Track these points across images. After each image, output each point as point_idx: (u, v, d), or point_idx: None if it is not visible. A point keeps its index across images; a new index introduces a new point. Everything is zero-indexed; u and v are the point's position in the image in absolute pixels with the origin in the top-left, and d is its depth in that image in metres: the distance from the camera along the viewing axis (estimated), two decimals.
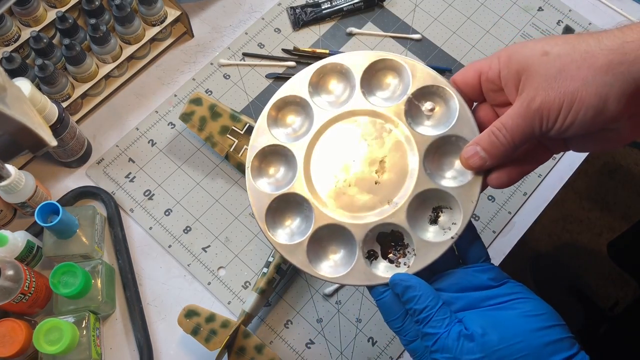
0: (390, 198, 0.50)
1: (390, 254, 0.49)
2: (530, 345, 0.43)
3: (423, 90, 0.50)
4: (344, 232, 0.50)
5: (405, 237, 0.49)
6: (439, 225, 0.49)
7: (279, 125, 0.53)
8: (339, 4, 0.81)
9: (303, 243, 0.49)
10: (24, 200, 0.63)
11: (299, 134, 0.53)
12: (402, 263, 0.48)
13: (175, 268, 0.68)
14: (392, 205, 0.49)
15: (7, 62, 0.65)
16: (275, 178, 0.53)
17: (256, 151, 0.52)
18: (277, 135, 0.52)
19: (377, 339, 0.65)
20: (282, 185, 0.51)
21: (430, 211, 0.50)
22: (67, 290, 0.58)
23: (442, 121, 0.50)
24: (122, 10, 0.70)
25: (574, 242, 1.50)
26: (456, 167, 0.49)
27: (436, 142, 0.49)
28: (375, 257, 0.50)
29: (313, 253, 0.50)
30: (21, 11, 0.69)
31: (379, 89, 0.53)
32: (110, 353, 0.64)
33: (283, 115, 0.54)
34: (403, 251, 0.49)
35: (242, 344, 0.60)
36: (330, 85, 0.54)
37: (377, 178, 0.50)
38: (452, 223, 0.48)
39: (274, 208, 0.51)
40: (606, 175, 1.60)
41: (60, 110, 0.64)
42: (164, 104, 0.76)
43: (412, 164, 0.50)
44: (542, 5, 0.84)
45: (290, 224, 0.52)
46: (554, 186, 0.74)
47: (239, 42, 0.80)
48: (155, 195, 0.71)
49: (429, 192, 0.49)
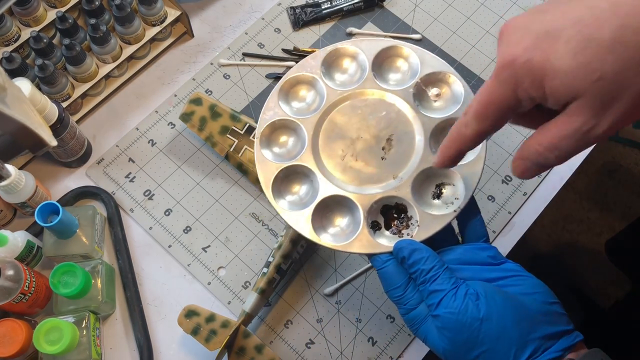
0: (395, 173, 0.52)
1: (394, 225, 0.51)
2: (529, 312, 0.44)
3: (430, 76, 0.53)
4: (349, 203, 0.52)
5: (409, 210, 0.51)
6: (442, 200, 0.51)
7: (289, 100, 0.56)
8: (339, 4, 0.81)
9: (308, 212, 0.51)
10: (24, 200, 0.63)
11: (310, 110, 0.55)
12: (405, 234, 0.50)
13: (175, 268, 0.68)
14: (397, 179, 0.52)
15: (7, 62, 0.65)
16: (283, 150, 0.55)
17: (266, 123, 0.54)
18: (288, 110, 0.55)
19: (377, 339, 0.65)
20: (290, 157, 0.54)
21: (434, 187, 0.52)
22: (67, 290, 0.58)
23: (448, 105, 0.53)
24: (122, 10, 0.70)
25: (574, 242, 1.50)
26: None
27: (441, 123, 0.52)
28: (379, 227, 0.52)
29: (317, 222, 0.52)
30: (21, 11, 0.69)
31: (389, 73, 0.56)
32: (110, 353, 0.64)
33: (295, 92, 0.57)
34: (406, 223, 0.51)
35: (242, 344, 0.60)
36: (342, 67, 0.57)
37: (383, 154, 0.53)
38: (455, 198, 0.51)
39: (281, 178, 0.53)
40: (606, 175, 1.60)
41: (60, 110, 0.64)
42: (164, 104, 0.76)
43: (418, 143, 0.52)
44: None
45: (296, 194, 0.54)
46: (554, 186, 0.74)
47: (239, 42, 0.80)
48: (155, 195, 0.71)
49: (433, 169, 0.51)
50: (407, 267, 0.47)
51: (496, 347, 0.43)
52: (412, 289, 0.48)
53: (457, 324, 0.44)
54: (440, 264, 0.46)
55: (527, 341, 0.43)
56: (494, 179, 0.73)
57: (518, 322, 0.44)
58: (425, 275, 0.46)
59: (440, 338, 0.45)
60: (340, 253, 0.69)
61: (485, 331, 0.43)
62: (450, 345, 0.45)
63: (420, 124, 0.52)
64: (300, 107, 0.56)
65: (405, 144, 0.53)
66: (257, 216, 0.70)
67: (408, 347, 0.65)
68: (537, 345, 0.43)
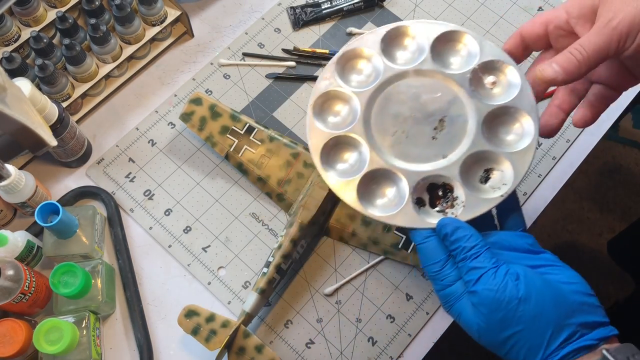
0: (445, 153, 0.53)
1: (439, 203, 0.52)
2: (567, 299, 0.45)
3: (488, 64, 0.54)
4: (395, 178, 0.52)
5: (455, 190, 0.51)
6: (489, 185, 0.52)
7: (345, 73, 0.56)
8: (339, 4, 0.81)
9: (354, 182, 0.52)
10: (24, 200, 0.63)
11: (365, 83, 0.56)
12: (449, 213, 0.51)
13: (175, 268, 0.68)
14: (446, 159, 0.52)
15: (7, 62, 0.65)
16: (335, 119, 0.56)
17: (320, 92, 0.55)
18: (343, 82, 0.55)
19: (377, 339, 0.65)
20: (341, 127, 0.54)
21: (482, 171, 0.52)
22: (67, 290, 0.58)
23: (503, 93, 0.53)
24: (122, 10, 0.70)
25: (574, 242, 1.50)
26: (512, 135, 0.53)
27: (495, 110, 0.52)
28: (423, 204, 0.52)
29: (362, 193, 0.52)
30: (21, 11, 0.69)
31: (448, 57, 0.56)
32: (110, 353, 0.64)
33: (351, 65, 0.57)
34: (452, 202, 0.51)
35: (242, 344, 0.60)
36: (402, 45, 0.57)
37: (434, 134, 0.53)
38: (502, 184, 0.51)
39: (330, 146, 0.54)
40: (606, 175, 1.60)
41: (60, 110, 0.64)
42: (164, 104, 0.76)
43: (471, 127, 0.53)
44: (542, 5, 0.84)
45: (344, 165, 0.54)
46: (554, 186, 0.74)
47: (239, 42, 0.80)
48: (155, 195, 0.71)
49: (484, 153, 0.52)
50: (449, 243, 0.48)
51: (532, 328, 0.44)
52: (451, 265, 0.48)
53: (494, 301, 0.44)
54: (482, 243, 0.47)
55: (564, 325, 0.43)
56: None
57: (556, 305, 0.44)
58: (466, 252, 0.46)
59: (475, 315, 0.46)
60: (340, 252, 0.69)
61: (522, 311, 0.44)
62: (485, 322, 0.45)
63: (474, 108, 0.53)
64: (356, 80, 0.56)
65: (458, 126, 0.53)
66: (257, 216, 0.70)
67: (408, 347, 0.65)
68: (573, 331, 0.43)
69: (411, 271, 0.68)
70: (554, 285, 0.45)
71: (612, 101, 0.51)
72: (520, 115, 0.52)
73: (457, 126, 0.53)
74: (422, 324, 0.66)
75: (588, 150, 0.76)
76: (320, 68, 0.78)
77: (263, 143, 0.71)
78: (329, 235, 0.69)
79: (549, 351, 0.43)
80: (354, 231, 0.68)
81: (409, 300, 0.67)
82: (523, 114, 0.52)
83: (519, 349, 0.44)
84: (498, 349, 0.46)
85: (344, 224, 0.69)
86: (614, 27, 0.44)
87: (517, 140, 0.52)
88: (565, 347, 0.43)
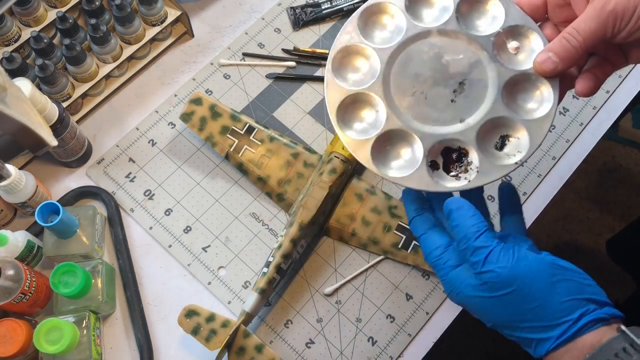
0: (463, 117, 0.52)
1: (453, 168, 0.51)
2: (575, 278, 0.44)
3: (513, 28, 0.52)
4: (411, 139, 0.51)
5: (470, 155, 0.51)
6: (504, 152, 0.51)
7: (367, 28, 0.55)
8: (339, 4, 0.81)
9: (369, 142, 0.51)
10: (25, 200, 0.63)
11: (387, 40, 0.54)
12: (462, 177, 0.50)
13: (175, 268, 0.68)
14: (463, 123, 0.51)
15: (8, 62, 0.65)
16: (354, 77, 0.54)
17: (342, 45, 0.54)
18: (365, 37, 0.54)
19: (377, 338, 0.65)
20: (360, 84, 0.53)
21: (498, 137, 0.52)
22: (67, 290, 0.58)
23: (526, 59, 0.52)
24: (122, 10, 0.70)
25: (574, 242, 1.50)
26: (531, 103, 0.52)
27: (517, 76, 0.51)
28: (437, 168, 0.51)
29: (376, 153, 0.51)
30: (21, 11, 0.69)
31: (473, 18, 0.55)
32: (111, 353, 0.64)
33: (374, 21, 0.55)
34: (466, 167, 0.50)
35: (242, 344, 0.60)
36: (427, 3, 0.55)
37: (453, 97, 0.52)
38: (517, 151, 0.50)
39: (347, 104, 0.53)
40: (606, 175, 1.60)
41: (61, 110, 0.64)
42: (164, 104, 0.76)
43: (491, 92, 0.52)
44: None
45: (361, 123, 0.53)
46: (553, 186, 0.74)
47: (239, 42, 0.80)
48: (155, 195, 0.71)
49: (501, 119, 0.51)
50: (450, 220, 0.47)
51: (547, 303, 0.43)
52: (453, 249, 0.47)
53: (508, 279, 0.43)
54: (484, 223, 0.46)
55: (576, 300, 0.43)
56: None
57: (567, 281, 0.43)
58: (467, 229, 0.45)
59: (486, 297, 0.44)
60: (340, 252, 0.69)
61: (537, 286, 0.43)
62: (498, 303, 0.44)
63: (495, 73, 0.52)
64: (379, 37, 0.55)
65: (478, 90, 0.52)
66: (257, 216, 0.70)
67: (408, 347, 0.65)
68: (585, 305, 0.43)
69: (411, 271, 0.68)
70: (561, 263, 0.45)
71: (610, 73, 0.50)
72: (541, 83, 0.51)
73: (477, 90, 0.52)
74: (422, 324, 0.66)
75: (588, 150, 0.76)
76: (321, 68, 0.78)
77: (263, 143, 0.71)
78: (329, 235, 0.69)
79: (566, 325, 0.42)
80: (354, 231, 0.68)
81: (408, 300, 0.67)
82: (544, 81, 0.51)
83: (535, 326, 0.43)
84: (513, 328, 0.44)
85: (344, 224, 0.69)
86: (610, 11, 0.44)
87: (536, 108, 0.51)
88: (581, 319, 0.42)
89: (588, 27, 0.45)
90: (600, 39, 0.45)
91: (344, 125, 0.52)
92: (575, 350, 0.42)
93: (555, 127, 0.77)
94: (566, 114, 0.77)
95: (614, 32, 0.45)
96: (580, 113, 0.78)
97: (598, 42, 0.45)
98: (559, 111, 0.77)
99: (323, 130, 0.75)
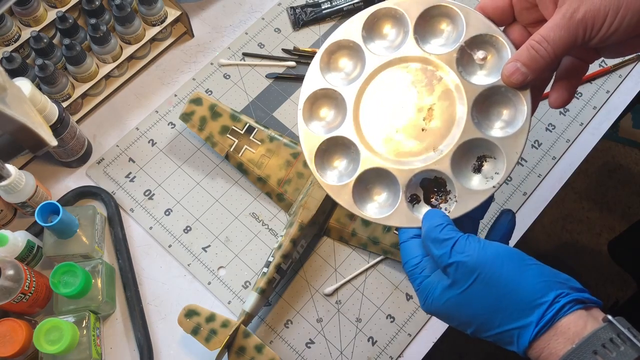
0: (436, 145, 0.51)
1: (433, 199, 0.51)
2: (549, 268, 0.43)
3: (476, 38, 0.51)
4: (389, 176, 0.51)
5: (448, 184, 0.50)
6: (482, 174, 0.51)
7: (331, 69, 0.55)
8: (339, 4, 0.81)
9: (349, 185, 0.51)
10: (24, 200, 0.63)
11: (351, 79, 0.54)
12: (443, 208, 0.50)
13: (175, 268, 0.68)
14: (437, 152, 0.51)
15: (8, 62, 0.65)
16: (325, 121, 0.55)
17: (308, 94, 0.54)
18: (329, 79, 0.54)
19: (377, 338, 0.65)
20: (332, 128, 0.53)
21: (475, 160, 0.51)
22: (67, 290, 0.58)
23: (493, 71, 0.51)
24: (122, 10, 0.70)
25: (574, 242, 1.50)
26: (504, 117, 0.51)
27: (485, 91, 0.50)
28: (418, 201, 0.51)
29: (358, 195, 0.52)
30: (21, 11, 0.69)
31: (433, 36, 0.53)
32: (111, 353, 0.64)
33: (335, 59, 0.55)
34: (445, 197, 0.50)
35: (242, 344, 0.60)
36: (383, 30, 0.55)
37: (424, 125, 0.52)
38: (495, 172, 0.50)
39: (323, 150, 0.53)
40: (606, 175, 1.60)
41: (61, 110, 0.64)
42: (164, 104, 0.76)
43: (460, 113, 0.51)
44: None
45: (338, 166, 0.54)
46: (553, 186, 0.74)
47: (239, 42, 0.80)
48: (155, 195, 0.71)
49: (474, 141, 0.50)
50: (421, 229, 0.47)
51: (519, 286, 0.41)
52: (428, 259, 0.47)
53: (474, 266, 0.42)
54: (447, 220, 0.45)
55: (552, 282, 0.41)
56: None
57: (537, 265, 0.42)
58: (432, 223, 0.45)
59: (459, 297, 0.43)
60: (340, 252, 0.69)
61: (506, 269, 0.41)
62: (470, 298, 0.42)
63: (463, 92, 0.51)
64: (342, 76, 0.55)
65: (447, 114, 0.51)
66: (257, 216, 0.70)
67: (408, 347, 0.65)
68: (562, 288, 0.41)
69: None
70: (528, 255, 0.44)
71: (584, 73, 0.49)
72: (512, 95, 0.49)
73: (446, 114, 0.51)
74: (422, 323, 0.66)
75: (588, 150, 0.76)
76: None
77: (263, 143, 0.71)
78: (329, 235, 0.69)
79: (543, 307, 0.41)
80: (354, 231, 0.68)
81: (408, 300, 0.67)
82: (515, 92, 0.49)
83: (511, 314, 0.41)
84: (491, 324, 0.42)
85: (344, 224, 0.69)
86: (579, 19, 0.42)
87: (509, 122, 0.50)
88: (558, 300, 0.41)
89: (557, 36, 0.43)
90: (570, 47, 0.44)
91: (323, 171, 0.53)
92: (560, 337, 0.40)
93: (555, 127, 0.77)
94: (566, 114, 0.77)
95: (584, 40, 0.43)
96: (580, 113, 0.78)
97: (568, 50, 0.44)
98: (559, 111, 0.77)
99: None
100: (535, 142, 0.76)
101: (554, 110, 0.77)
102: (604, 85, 0.79)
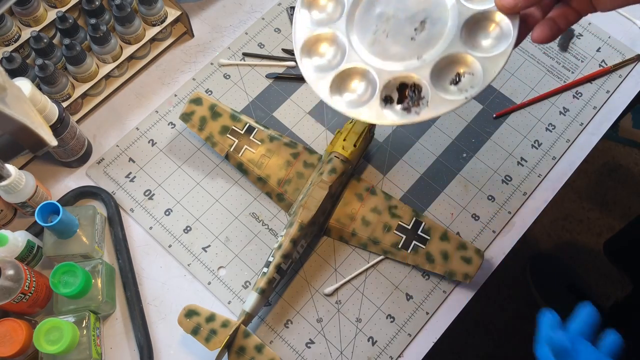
0: (420, 54, 0.54)
1: (406, 102, 0.53)
2: None
3: None
4: (369, 75, 0.54)
5: (423, 90, 0.53)
6: (458, 87, 0.53)
7: None
8: None
9: (329, 77, 0.54)
10: (24, 200, 0.63)
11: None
12: (413, 111, 0.53)
13: (175, 268, 0.68)
14: (420, 60, 0.53)
15: (8, 62, 0.65)
16: (320, 16, 0.57)
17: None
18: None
19: (377, 338, 0.65)
20: (326, 23, 0.56)
21: (454, 74, 0.53)
22: (67, 290, 0.58)
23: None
24: (122, 10, 0.70)
25: (574, 241, 1.50)
26: (490, 41, 0.53)
27: (478, 14, 0.53)
28: (391, 102, 0.54)
29: (335, 88, 0.54)
30: (21, 11, 0.69)
31: None
32: (111, 353, 0.64)
33: None
34: (418, 102, 0.53)
35: (242, 344, 0.60)
36: None
37: (414, 34, 0.54)
38: (470, 86, 0.52)
39: (312, 42, 0.56)
40: (606, 175, 1.60)
41: (61, 110, 0.64)
42: (164, 104, 0.76)
43: (450, 30, 0.53)
44: None
45: (322, 59, 0.56)
46: (553, 186, 0.74)
47: (239, 42, 0.80)
48: (155, 195, 0.71)
49: (458, 55, 0.53)
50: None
51: None
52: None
53: None
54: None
55: None
56: (494, 178, 0.73)
57: None
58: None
59: None
60: (340, 252, 0.69)
61: None
62: None
63: (457, 12, 0.53)
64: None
65: (438, 28, 0.54)
66: (257, 216, 0.70)
67: (408, 347, 0.65)
68: None
69: (411, 271, 0.68)
70: None
71: (573, 22, 0.50)
72: (501, 20, 0.52)
73: (437, 28, 0.54)
74: (422, 323, 0.66)
75: (588, 150, 0.76)
76: None
77: (263, 143, 0.71)
78: (329, 235, 0.69)
79: None
80: (354, 231, 0.68)
81: (408, 300, 0.67)
82: (504, 19, 0.51)
83: None
84: None
85: (344, 224, 0.69)
86: None
87: (494, 45, 0.52)
88: None
89: None
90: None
91: (307, 59, 0.55)
92: None
93: (555, 127, 0.77)
94: (566, 114, 0.77)
95: None
96: (580, 113, 0.78)
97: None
98: (559, 111, 0.77)
99: (323, 130, 0.75)
100: (535, 142, 0.76)
101: (554, 110, 0.77)
102: (604, 85, 0.79)
